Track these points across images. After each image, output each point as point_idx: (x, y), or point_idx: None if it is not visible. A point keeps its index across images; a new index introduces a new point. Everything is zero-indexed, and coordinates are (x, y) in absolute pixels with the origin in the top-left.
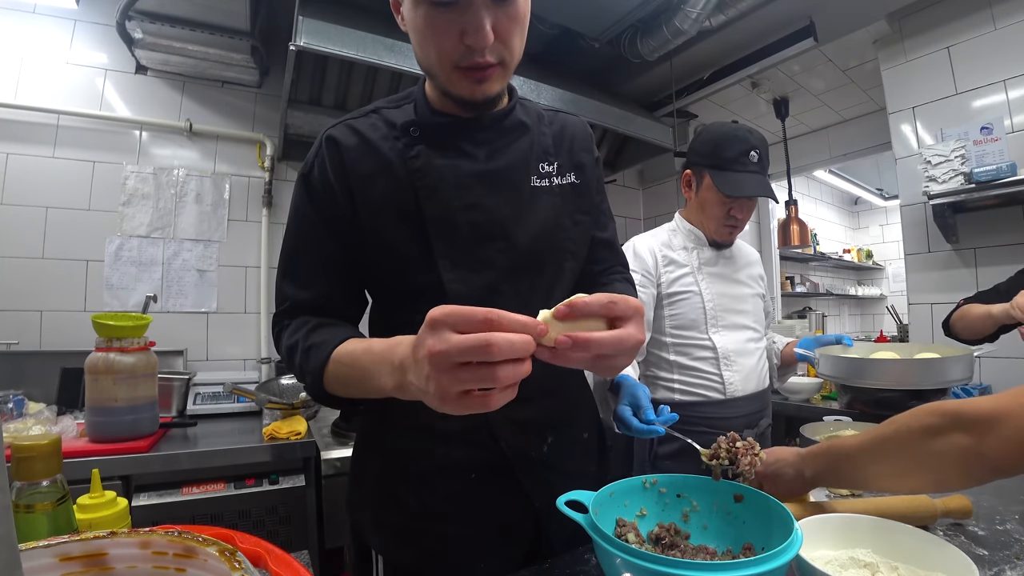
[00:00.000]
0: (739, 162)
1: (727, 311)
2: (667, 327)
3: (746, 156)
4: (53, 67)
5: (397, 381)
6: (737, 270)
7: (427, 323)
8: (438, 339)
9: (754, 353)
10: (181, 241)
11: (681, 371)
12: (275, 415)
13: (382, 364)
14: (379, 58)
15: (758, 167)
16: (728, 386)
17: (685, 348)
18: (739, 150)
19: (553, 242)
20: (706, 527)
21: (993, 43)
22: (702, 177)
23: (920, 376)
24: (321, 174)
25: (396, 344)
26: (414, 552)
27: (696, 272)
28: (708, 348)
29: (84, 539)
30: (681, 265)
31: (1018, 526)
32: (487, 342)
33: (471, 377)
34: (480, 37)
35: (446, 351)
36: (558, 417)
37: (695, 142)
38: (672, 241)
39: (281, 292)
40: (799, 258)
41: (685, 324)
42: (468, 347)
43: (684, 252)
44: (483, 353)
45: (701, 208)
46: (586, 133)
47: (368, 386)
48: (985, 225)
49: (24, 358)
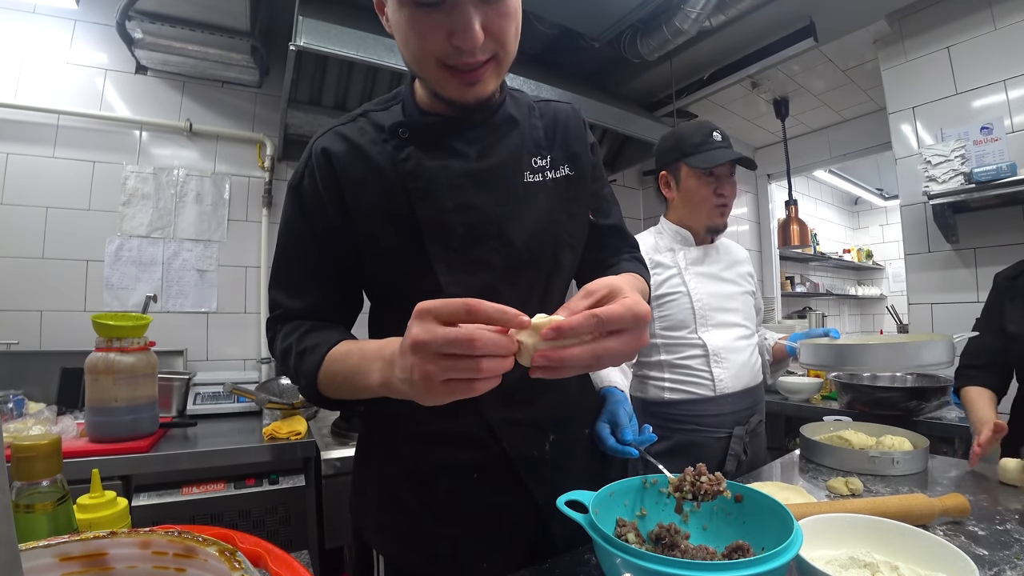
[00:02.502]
0: (705, 143)
1: (716, 310)
2: (656, 329)
3: (709, 137)
4: (53, 67)
5: (385, 377)
6: (725, 268)
7: (413, 315)
8: (423, 329)
9: (744, 350)
10: (181, 241)
11: (671, 369)
12: (275, 415)
13: (373, 360)
14: (379, 58)
15: (724, 143)
16: (718, 383)
17: (674, 347)
18: (702, 133)
19: (549, 237)
20: (706, 527)
21: (993, 43)
22: (678, 170)
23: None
24: (311, 185)
25: (389, 342)
26: (418, 554)
27: (683, 272)
28: (698, 346)
29: (84, 539)
30: (667, 267)
31: (1018, 526)
32: (471, 337)
33: (454, 367)
34: (468, 38)
35: (430, 341)
36: (559, 416)
37: (658, 149)
38: (658, 243)
39: (273, 300)
40: (799, 258)
41: (674, 325)
42: (452, 339)
43: (670, 254)
44: (467, 347)
45: (687, 201)
46: (579, 121)
47: (357, 384)
48: (985, 225)
49: (24, 358)
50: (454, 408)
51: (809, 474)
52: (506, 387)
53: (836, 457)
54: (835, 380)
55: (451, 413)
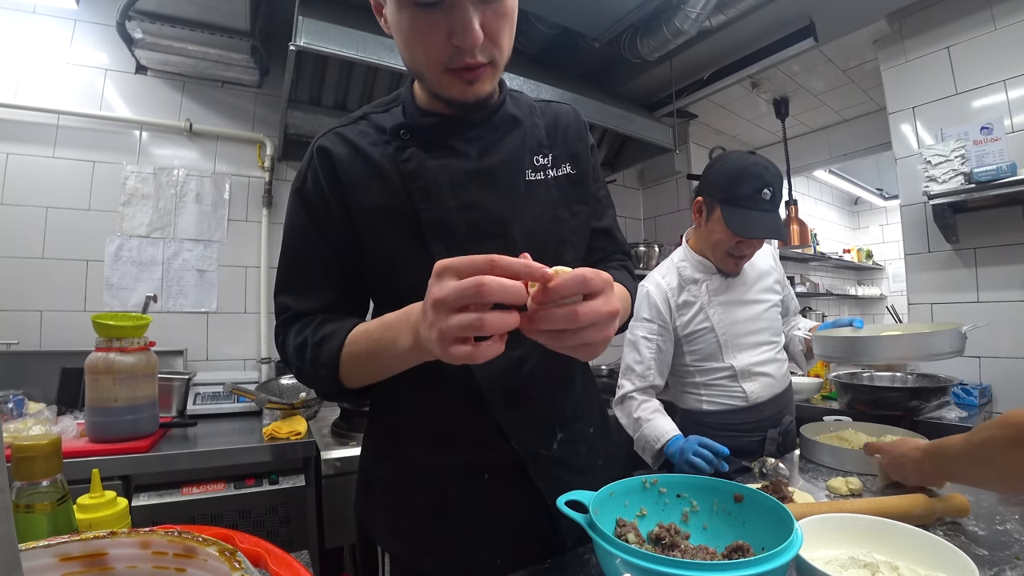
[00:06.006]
0: (751, 199)
1: (740, 335)
2: (688, 360)
3: (759, 194)
4: (53, 67)
5: (413, 339)
6: (748, 289)
7: (433, 273)
8: (440, 286)
9: (773, 362)
10: (181, 241)
11: (706, 388)
12: (275, 415)
13: (400, 326)
14: (379, 58)
15: (770, 205)
16: (750, 395)
17: (706, 371)
18: (753, 187)
19: (552, 235)
20: (706, 527)
21: (993, 43)
22: (713, 209)
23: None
24: (315, 185)
25: (412, 308)
26: (430, 555)
27: (707, 307)
28: (727, 368)
29: (84, 539)
30: (692, 304)
31: (1018, 526)
32: (479, 282)
33: (463, 322)
34: (469, 38)
35: (445, 296)
36: (566, 414)
37: (710, 171)
38: (681, 278)
39: (282, 304)
40: (799, 258)
41: (704, 357)
42: (463, 289)
43: (694, 287)
44: (475, 294)
45: (708, 238)
46: (579, 122)
47: (384, 357)
48: (985, 225)
49: (24, 358)
50: (463, 409)
51: (809, 474)
52: (514, 387)
53: (836, 457)
54: (835, 380)
55: (460, 414)
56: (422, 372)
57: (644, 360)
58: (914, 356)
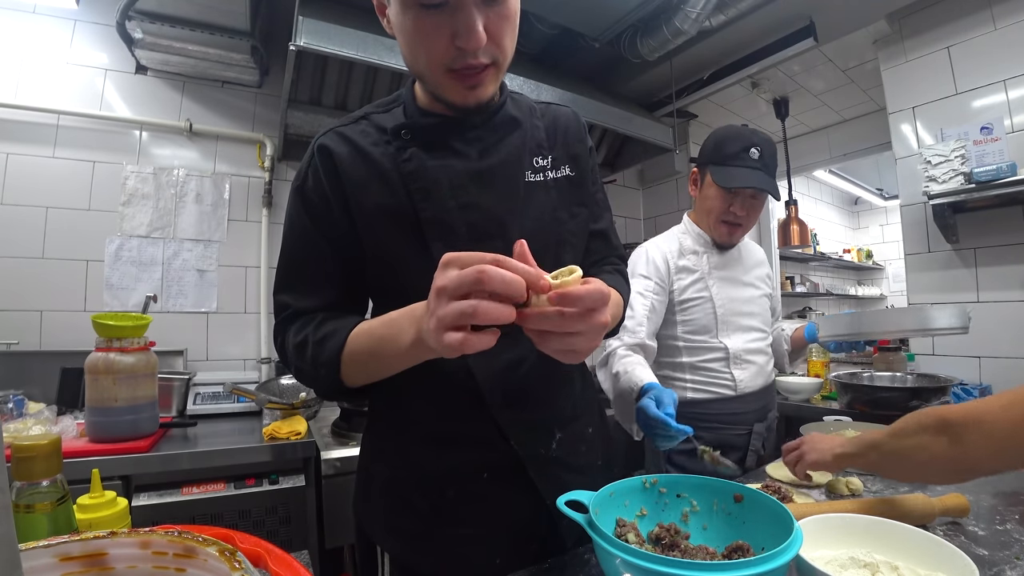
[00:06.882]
0: (739, 158)
1: (736, 314)
2: (680, 332)
3: (746, 152)
4: (53, 67)
5: (416, 334)
6: (746, 271)
7: (439, 264)
8: (444, 276)
9: (763, 353)
10: (181, 241)
11: (693, 371)
12: (275, 415)
13: (403, 321)
14: (379, 58)
15: (759, 164)
16: (739, 383)
17: (696, 350)
18: (740, 146)
19: (551, 236)
20: (706, 527)
21: (993, 43)
22: (704, 174)
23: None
24: (316, 184)
25: (417, 304)
26: (430, 555)
27: (707, 277)
28: (719, 350)
29: (84, 539)
30: (692, 271)
31: (1018, 526)
32: (480, 269)
33: (459, 308)
34: (472, 39)
35: (446, 284)
36: (565, 414)
37: (703, 144)
38: (682, 246)
39: (281, 303)
40: (799, 258)
41: (697, 329)
42: (464, 276)
43: (694, 256)
44: (475, 281)
45: (701, 206)
46: (578, 124)
47: (385, 354)
48: (985, 225)
49: (24, 358)
50: (462, 409)
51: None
52: (513, 387)
53: None
54: (835, 380)
55: (459, 414)
56: (422, 372)
57: (636, 316)
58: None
